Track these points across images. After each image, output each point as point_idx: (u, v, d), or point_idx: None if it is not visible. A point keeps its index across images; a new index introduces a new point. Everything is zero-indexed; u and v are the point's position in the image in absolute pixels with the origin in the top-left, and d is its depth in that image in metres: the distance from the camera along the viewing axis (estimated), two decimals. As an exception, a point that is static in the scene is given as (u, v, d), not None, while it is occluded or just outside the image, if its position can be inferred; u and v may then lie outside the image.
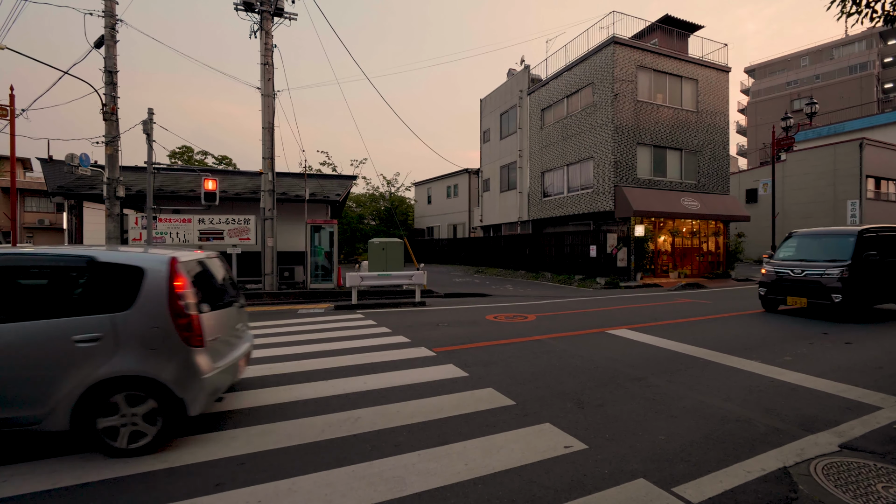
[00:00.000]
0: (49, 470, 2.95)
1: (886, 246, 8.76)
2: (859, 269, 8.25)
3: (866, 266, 8.32)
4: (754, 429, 3.56)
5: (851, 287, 8.14)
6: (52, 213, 36.96)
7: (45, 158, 14.74)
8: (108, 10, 11.11)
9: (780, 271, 9.16)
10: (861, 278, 8.23)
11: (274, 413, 3.96)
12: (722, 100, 19.42)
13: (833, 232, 9.11)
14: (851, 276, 8.16)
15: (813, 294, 8.53)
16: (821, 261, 8.64)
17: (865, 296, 8.34)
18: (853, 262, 8.24)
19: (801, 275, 8.76)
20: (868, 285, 8.34)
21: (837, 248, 8.64)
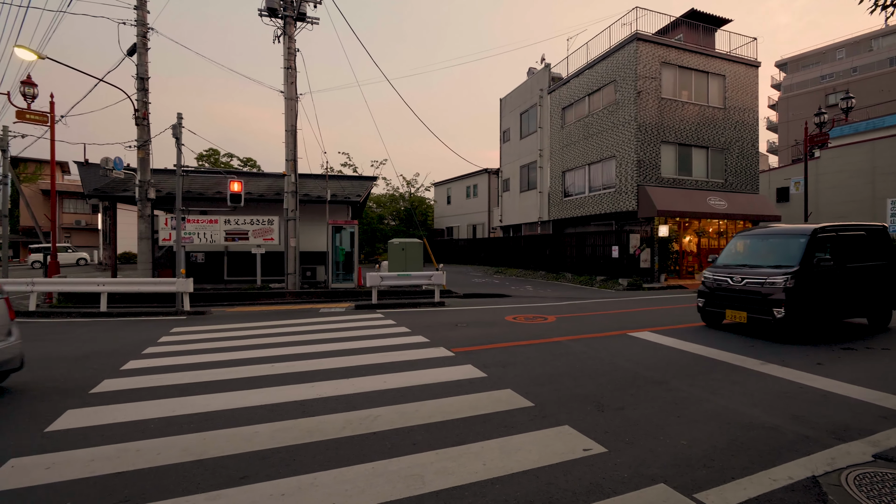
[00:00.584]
0: None
1: (847, 248, 7.28)
2: (809, 277, 6.68)
3: (818, 273, 6.77)
4: (781, 436, 3.45)
5: (797, 299, 6.54)
6: (88, 215, 38.66)
7: (82, 162, 15.44)
8: (140, 19, 11.57)
9: (720, 279, 7.56)
10: (811, 289, 6.66)
11: (295, 409, 4.06)
12: (751, 96, 18.80)
13: (781, 231, 7.61)
14: (798, 285, 6.57)
15: (753, 307, 6.94)
16: (765, 266, 7.10)
17: (816, 310, 6.77)
18: (801, 268, 6.67)
19: (740, 283, 7.19)
20: (820, 297, 6.78)
21: (784, 252, 7.11)
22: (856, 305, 7.30)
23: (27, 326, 8.77)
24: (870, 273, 7.39)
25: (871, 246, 7.57)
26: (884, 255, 7.65)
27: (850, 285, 7.15)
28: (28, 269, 24.07)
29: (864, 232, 7.63)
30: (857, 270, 7.25)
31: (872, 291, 7.41)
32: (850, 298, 7.18)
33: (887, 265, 7.66)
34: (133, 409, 4.10)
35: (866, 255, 7.45)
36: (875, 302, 7.48)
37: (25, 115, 12.03)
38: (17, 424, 3.77)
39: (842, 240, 7.29)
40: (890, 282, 7.64)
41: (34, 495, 2.69)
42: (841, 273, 7.04)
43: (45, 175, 37.32)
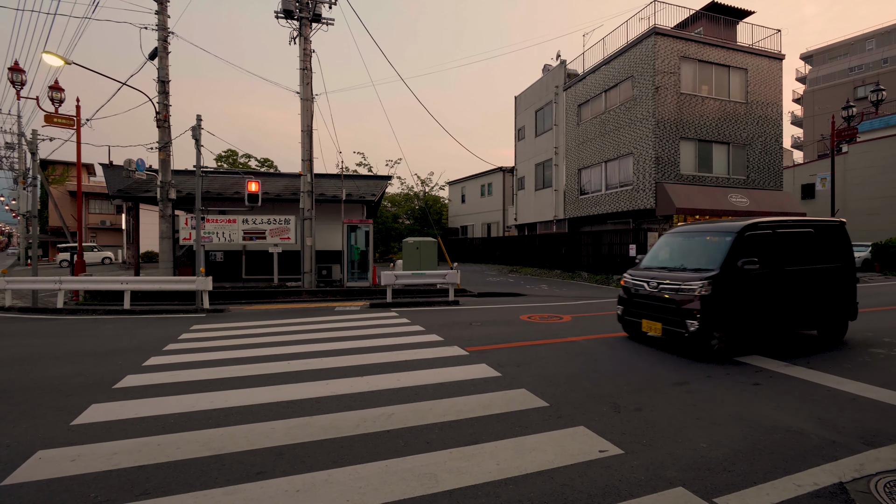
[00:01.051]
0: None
1: (789, 249, 6.10)
2: (731, 283, 5.56)
3: (744, 279, 5.62)
4: (807, 440, 3.34)
5: (713, 310, 5.45)
6: (112, 215, 39.82)
7: (107, 164, 15.89)
8: (161, 24, 11.83)
9: (638, 283, 6.48)
10: (733, 297, 5.56)
11: (311, 406, 4.10)
12: (774, 89, 18.26)
13: (708, 229, 6.50)
14: (715, 293, 5.47)
15: (667, 318, 5.86)
16: (686, 270, 6.02)
17: (741, 322, 5.62)
18: (721, 272, 5.54)
19: (656, 289, 6.08)
20: (747, 307, 5.65)
21: (708, 253, 5.99)
22: (799, 315, 6.12)
23: (56, 323, 9.08)
24: (818, 277, 6.26)
25: (822, 246, 6.42)
26: (837, 256, 6.51)
27: (791, 292, 5.98)
28: (56, 268, 24.94)
29: (812, 229, 6.42)
30: (800, 275, 6.09)
31: (821, 299, 6.30)
32: (792, 307, 6.00)
33: (841, 268, 6.50)
34: (154, 404, 4.20)
35: (814, 257, 6.31)
36: (825, 311, 6.36)
37: (53, 118, 12.43)
38: (46, 417, 3.90)
39: (781, 239, 6.11)
40: (844, 287, 6.52)
41: (61, 486, 2.77)
42: (778, 278, 5.88)
43: (72, 177, 38.58)
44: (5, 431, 3.60)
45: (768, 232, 6.06)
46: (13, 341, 7.25)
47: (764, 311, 5.79)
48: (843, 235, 6.68)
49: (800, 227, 6.38)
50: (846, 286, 6.56)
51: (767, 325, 5.86)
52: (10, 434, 3.55)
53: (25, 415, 3.96)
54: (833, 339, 6.57)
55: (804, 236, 6.35)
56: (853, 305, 6.62)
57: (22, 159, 26.13)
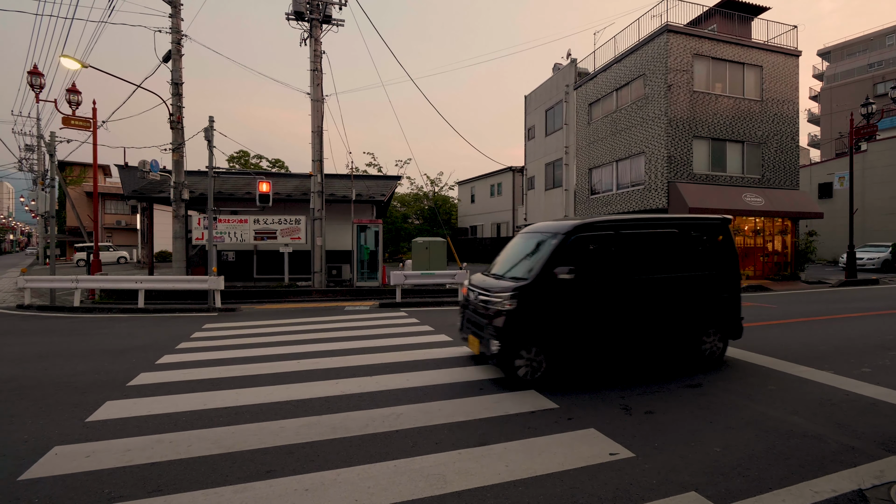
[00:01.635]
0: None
1: (632, 254, 5.03)
2: (543, 296, 4.60)
3: (559, 292, 4.62)
4: (825, 445, 3.26)
5: (516, 329, 4.55)
6: (127, 215, 40.53)
7: (122, 165, 16.19)
8: (175, 27, 12.01)
9: (472, 291, 5.41)
10: (544, 314, 4.60)
11: (320, 405, 4.12)
12: (790, 86, 17.91)
13: (541, 228, 5.42)
14: (521, 308, 4.55)
15: (481, 335, 4.96)
16: (505, 278, 5.11)
17: (553, 346, 4.65)
18: (532, 283, 4.60)
19: (475, 300, 5.19)
20: (561, 327, 4.64)
21: (532, 258, 5.02)
22: (650, 334, 5.01)
23: (72, 321, 9.26)
24: (682, 288, 5.17)
25: (691, 250, 5.31)
26: (713, 262, 5.37)
27: (639, 306, 4.93)
28: (74, 267, 25.46)
29: (677, 230, 5.31)
30: (653, 285, 5.02)
31: (686, 314, 5.18)
32: (639, 325, 4.93)
33: (717, 277, 5.35)
34: (167, 401, 4.26)
35: (678, 263, 5.21)
36: (691, 328, 5.20)
37: (70, 121, 12.70)
38: (62, 414, 3.97)
39: (627, 242, 5.03)
40: (722, 300, 5.37)
41: (76, 482, 2.82)
42: (617, 289, 4.86)
43: (88, 178, 39.38)
44: (23, 427, 3.68)
45: (608, 233, 5.00)
46: (31, 339, 7.41)
47: (594, 329, 4.77)
48: (725, 237, 5.51)
49: (657, 228, 5.36)
50: (725, 298, 5.40)
51: (601, 347, 4.83)
52: (27, 430, 3.63)
53: (42, 411, 4.05)
54: (707, 363, 5.34)
55: (664, 239, 5.27)
56: (735, 322, 5.48)
57: (41, 161, 26.74)
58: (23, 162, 30.76)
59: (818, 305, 10.50)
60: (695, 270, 5.28)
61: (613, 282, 4.88)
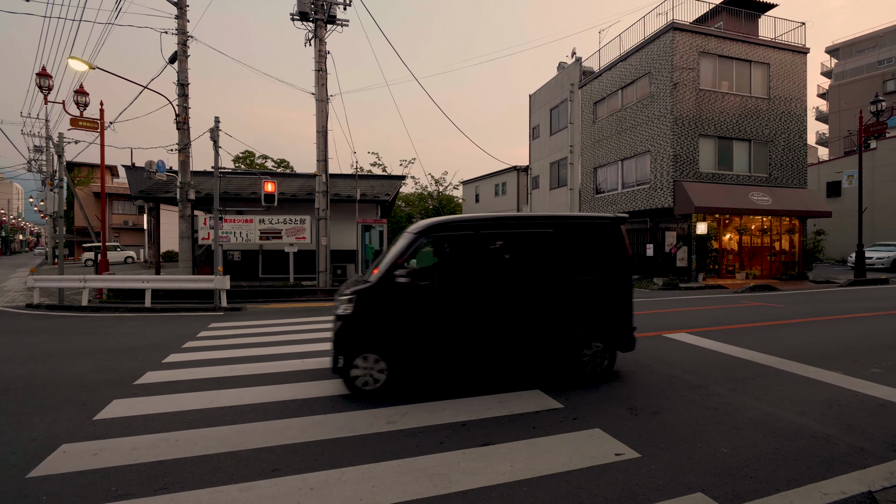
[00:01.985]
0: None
1: (494, 257, 4.66)
2: (384, 301, 4.32)
3: (401, 295, 4.33)
4: (834, 447, 3.22)
5: (351, 334, 4.28)
6: (134, 215, 40.86)
7: (129, 166, 16.32)
8: (181, 28, 12.08)
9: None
10: (383, 319, 4.30)
11: (325, 404, 4.13)
12: (798, 84, 17.73)
13: (410, 228, 4.89)
14: (358, 313, 4.27)
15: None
16: (364, 280, 4.76)
17: (391, 354, 4.31)
18: (374, 286, 4.32)
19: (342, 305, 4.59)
20: (401, 334, 4.32)
21: (387, 259, 4.60)
22: (518, 346, 4.57)
23: (80, 320, 9.35)
24: (552, 295, 4.66)
25: (568, 252, 4.79)
26: (595, 266, 4.82)
27: (502, 314, 4.50)
28: (82, 267, 25.71)
29: (551, 230, 4.77)
30: (520, 291, 4.57)
31: (559, 324, 4.66)
32: (502, 335, 4.51)
33: (600, 282, 4.80)
34: (173, 400, 4.28)
35: (551, 267, 4.73)
36: (566, 340, 4.66)
37: (78, 122, 12.81)
38: (70, 412, 4.01)
39: (490, 242, 4.65)
40: (606, 308, 4.81)
41: (83, 479, 2.84)
42: (475, 293, 4.46)
43: (96, 179, 39.74)
44: (32, 425, 3.72)
45: (467, 234, 4.59)
46: (40, 337, 7.49)
47: (446, 337, 4.40)
48: (614, 239, 4.89)
49: (527, 228, 4.85)
50: (612, 307, 4.85)
51: (454, 357, 4.44)
52: (36, 427, 3.66)
53: (51, 409, 4.09)
54: (587, 376, 4.78)
55: (535, 240, 4.79)
56: (624, 332, 4.90)
57: (49, 162, 27.03)
58: (32, 163, 31.12)
59: (826, 305, 10.39)
60: (574, 275, 4.75)
61: (471, 285, 4.48)
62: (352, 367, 4.28)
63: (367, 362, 4.30)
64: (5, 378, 5.05)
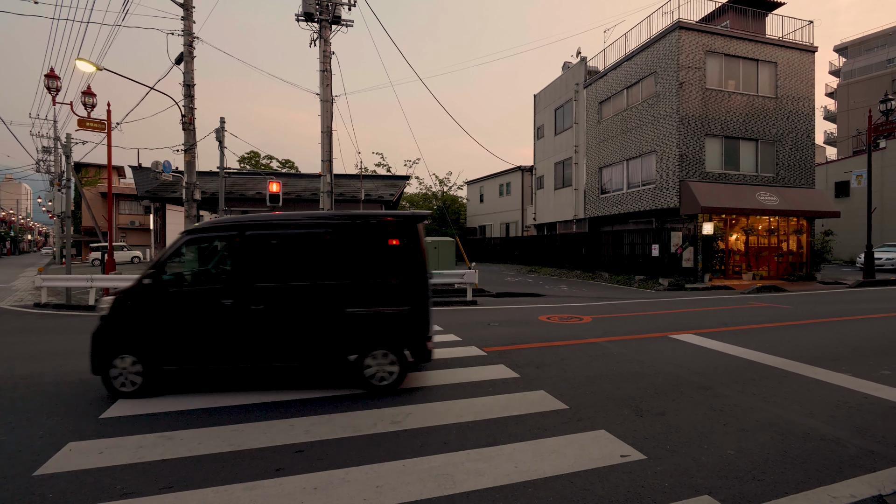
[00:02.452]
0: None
1: (248, 257, 4.44)
2: (142, 300, 4.34)
3: (159, 297, 4.36)
4: (843, 449, 3.18)
5: (107, 335, 4.31)
6: (141, 216, 41.19)
7: (136, 166, 16.43)
8: (187, 29, 12.15)
9: None
10: (141, 320, 4.31)
11: (329, 404, 4.13)
12: (806, 83, 17.57)
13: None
14: (116, 313, 4.34)
15: None
16: None
17: (148, 356, 4.29)
18: (135, 286, 4.37)
19: None
20: (159, 336, 4.29)
21: (154, 260, 4.73)
22: (287, 353, 4.40)
23: (87, 319, 9.42)
24: (327, 299, 4.42)
25: (348, 254, 4.51)
26: (381, 270, 4.55)
27: (268, 319, 4.34)
28: (89, 266, 25.92)
29: (328, 230, 4.58)
30: (288, 295, 4.40)
31: (335, 331, 4.40)
32: (269, 341, 4.35)
33: (388, 286, 4.52)
34: (178, 399, 4.29)
35: (327, 270, 4.49)
36: (344, 348, 4.41)
37: (86, 123, 12.92)
38: (76, 411, 4.03)
39: (256, 244, 4.49)
40: (394, 315, 4.49)
41: (89, 478, 2.86)
42: (239, 297, 4.31)
43: (103, 179, 40.06)
44: (38, 423, 3.74)
45: (230, 234, 4.49)
46: (47, 336, 7.55)
47: (207, 342, 4.31)
48: (407, 240, 4.57)
49: (301, 228, 4.61)
50: (402, 313, 4.50)
51: (218, 361, 4.33)
52: (42, 426, 3.69)
53: (57, 407, 4.11)
54: (374, 389, 4.44)
55: (309, 241, 4.60)
56: (416, 341, 4.54)
57: (58, 162, 27.28)
58: (40, 164, 31.43)
59: (835, 306, 10.28)
60: (354, 278, 4.46)
61: (233, 288, 4.34)
62: (110, 368, 4.27)
63: (124, 363, 4.27)
64: (13, 376, 5.09)
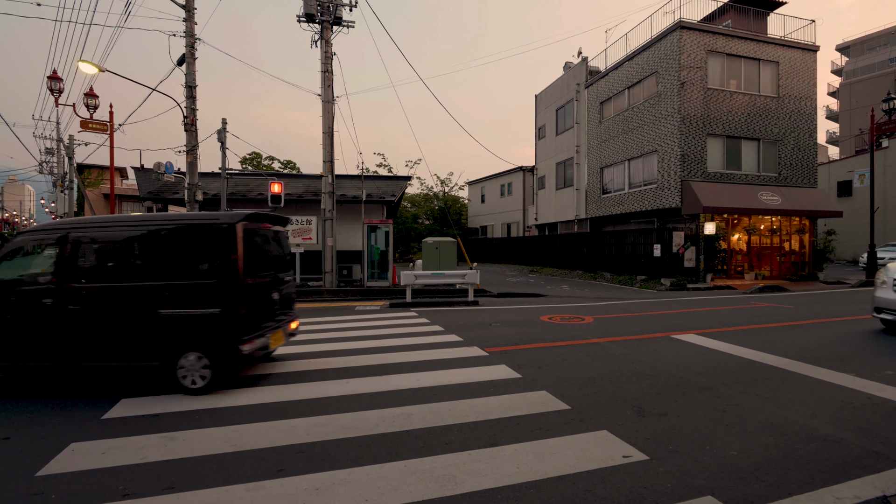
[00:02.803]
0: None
1: (68, 258, 4.55)
2: None
3: None
4: (846, 450, 3.17)
5: None
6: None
7: (138, 167, 16.47)
8: (189, 31, 12.18)
9: None
10: None
11: (331, 404, 4.13)
12: (808, 82, 17.53)
13: None
14: None
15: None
16: None
17: None
18: None
19: None
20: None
21: None
22: (95, 353, 4.48)
23: None
24: (134, 301, 4.48)
25: (161, 256, 4.63)
26: (202, 271, 4.56)
27: (75, 320, 4.44)
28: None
29: (143, 232, 4.73)
30: (96, 296, 4.49)
31: (144, 332, 4.45)
32: (80, 342, 4.45)
33: (198, 288, 4.51)
34: (180, 399, 4.30)
35: (136, 271, 4.59)
36: (153, 351, 4.46)
37: (88, 124, 12.97)
38: (79, 411, 4.04)
39: (76, 246, 4.60)
40: (204, 318, 4.46)
41: (92, 478, 2.86)
42: (53, 298, 4.46)
43: (105, 180, 40.16)
44: (41, 423, 3.76)
45: (57, 236, 4.66)
46: None
47: (24, 339, 4.49)
48: (224, 241, 4.56)
49: (118, 231, 4.76)
50: (213, 316, 4.46)
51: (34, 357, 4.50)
52: (45, 426, 3.70)
53: (60, 408, 4.12)
54: (190, 393, 4.45)
55: (125, 244, 4.71)
56: (227, 345, 4.44)
57: (60, 164, 27.37)
58: (43, 165, 31.55)
59: (837, 306, 10.25)
60: (169, 280, 4.52)
61: (53, 289, 4.50)
62: None
63: None
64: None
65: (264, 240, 5.25)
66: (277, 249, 5.61)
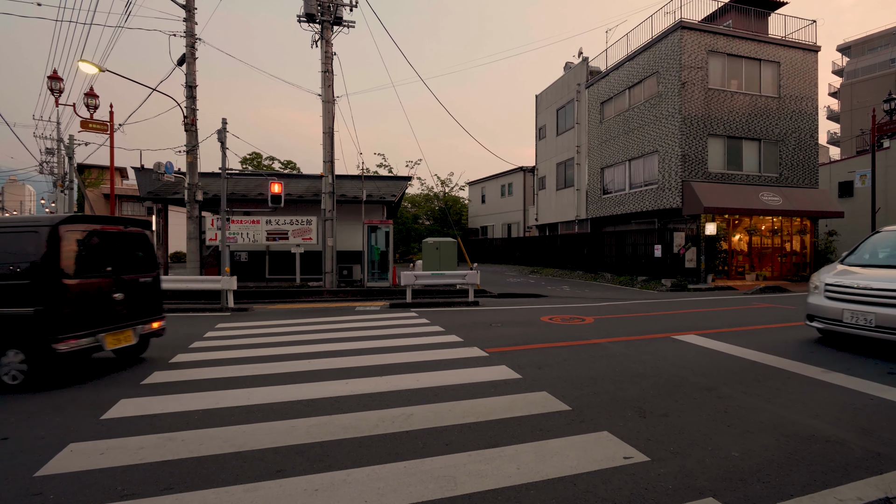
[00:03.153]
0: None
1: None
2: None
3: None
4: (849, 451, 3.15)
5: None
6: (143, 217, 41.28)
7: (138, 167, 16.47)
8: (189, 31, 12.18)
9: None
10: None
11: (331, 405, 4.12)
12: (809, 83, 17.51)
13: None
14: None
15: None
16: None
17: None
18: None
19: None
20: None
21: None
22: None
23: None
24: None
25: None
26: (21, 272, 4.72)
27: None
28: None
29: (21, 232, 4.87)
30: None
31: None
32: None
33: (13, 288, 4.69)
34: (179, 400, 4.30)
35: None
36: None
37: (88, 124, 12.97)
38: (77, 411, 4.03)
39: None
40: (16, 317, 4.65)
41: (90, 479, 2.85)
42: None
43: (105, 180, 40.17)
44: (40, 424, 3.74)
45: None
46: None
47: None
48: (40, 243, 4.69)
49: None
50: (26, 315, 4.61)
51: None
52: (44, 426, 3.69)
53: (59, 408, 4.11)
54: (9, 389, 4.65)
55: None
56: (39, 342, 4.59)
57: (61, 164, 27.38)
58: (43, 165, 31.57)
59: (839, 307, 10.20)
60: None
61: None
62: None
63: None
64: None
65: (105, 242, 5.37)
66: (129, 251, 5.69)
